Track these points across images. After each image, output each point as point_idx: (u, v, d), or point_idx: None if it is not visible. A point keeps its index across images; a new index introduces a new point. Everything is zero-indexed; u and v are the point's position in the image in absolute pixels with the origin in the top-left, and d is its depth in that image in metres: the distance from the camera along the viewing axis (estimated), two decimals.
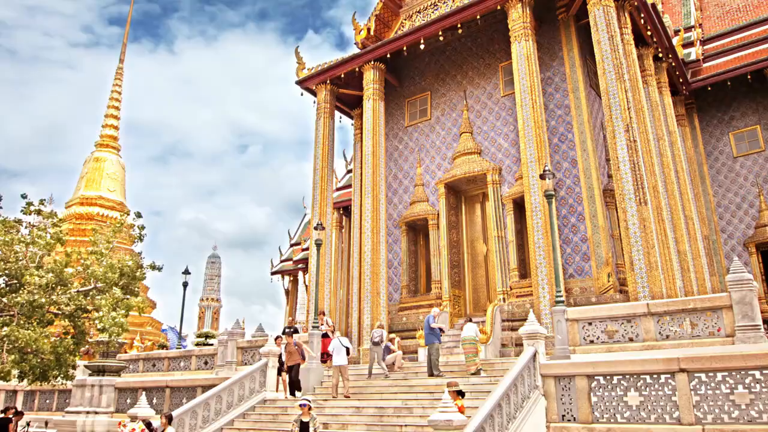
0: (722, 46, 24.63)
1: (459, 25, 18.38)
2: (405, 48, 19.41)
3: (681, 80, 22.50)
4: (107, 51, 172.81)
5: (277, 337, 14.14)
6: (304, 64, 22.17)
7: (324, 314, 15.74)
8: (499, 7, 17.48)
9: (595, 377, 10.30)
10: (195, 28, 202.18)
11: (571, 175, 16.77)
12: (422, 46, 19.05)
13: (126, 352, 24.72)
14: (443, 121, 20.27)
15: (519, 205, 17.50)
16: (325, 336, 15.36)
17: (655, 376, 9.77)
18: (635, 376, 9.94)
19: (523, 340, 11.33)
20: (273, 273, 37.55)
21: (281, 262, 37.92)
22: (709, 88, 23.12)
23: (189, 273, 23.80)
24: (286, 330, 15.53)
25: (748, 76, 21.87)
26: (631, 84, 15.52)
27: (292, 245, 38.72)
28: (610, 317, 11.97)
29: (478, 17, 18.03)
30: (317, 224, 17.34)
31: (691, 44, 24.62)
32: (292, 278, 37.20)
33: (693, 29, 25.15)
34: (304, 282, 35.26)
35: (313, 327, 15.39)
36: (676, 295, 14.30)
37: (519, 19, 17.02)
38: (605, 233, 15.79)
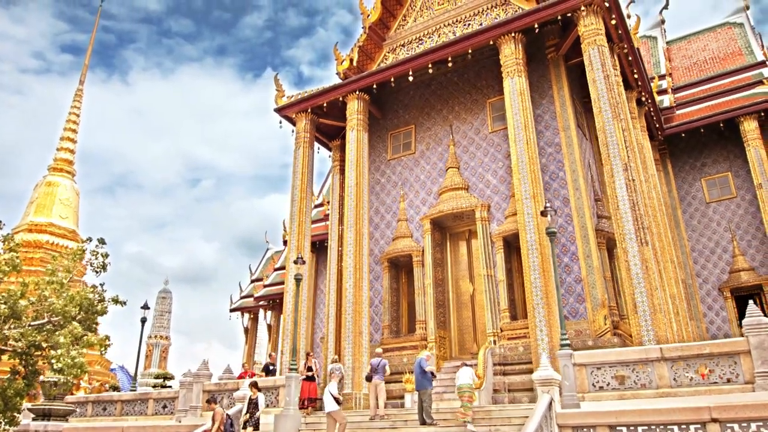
0: (693, 95, 25.30)
1: (449, 59, 18.07)
2: (392, 79, 18.93)
3: (657, 125, 22.85)
4: (58, 78, 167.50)
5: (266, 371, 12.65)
6: (284, 92, 21.38)
7: (310, 355, 14.45)
8: (491, 42, 17.28)
9: (617, 428, 9.56)
10: (151, 60, 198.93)
11: (563, 213, 16.38)
12: (411, 78, 18.60)
13: (73, 394, 22.55)
14: (428, 156, 19.73)
15: (509, 243, 16.94)
16: (309, 379, 14.07)
17: (684, 426, 9.11)
18: (662, 427, 9.25)
19: (537, 387, 10.54)
20: (232, 310, 35.69)
21: (241, 298, 36.07)
22: (683, 135, 23.59)
23: (148, 308, 22.10)
24: (270, 368, 14.13)
25: (721, 125, 22.41)
26: (625, 123, 15.40)
27: (253, 281, 36.98)
28: (620, 362, 11.38)
29: (469, 51, 17.77)
30: (297, 258, 16.26)
31: (663, 92, 25.21)
32: (252, 316, 35.40)
33: (665, 77, 25.82)
34: (266, 320, 33.61)
35: (290, 369, 14.16)
36: (674, 339, 13.86)
37: (512, 55, 16.83)
38: (600, 274, 15.35)
